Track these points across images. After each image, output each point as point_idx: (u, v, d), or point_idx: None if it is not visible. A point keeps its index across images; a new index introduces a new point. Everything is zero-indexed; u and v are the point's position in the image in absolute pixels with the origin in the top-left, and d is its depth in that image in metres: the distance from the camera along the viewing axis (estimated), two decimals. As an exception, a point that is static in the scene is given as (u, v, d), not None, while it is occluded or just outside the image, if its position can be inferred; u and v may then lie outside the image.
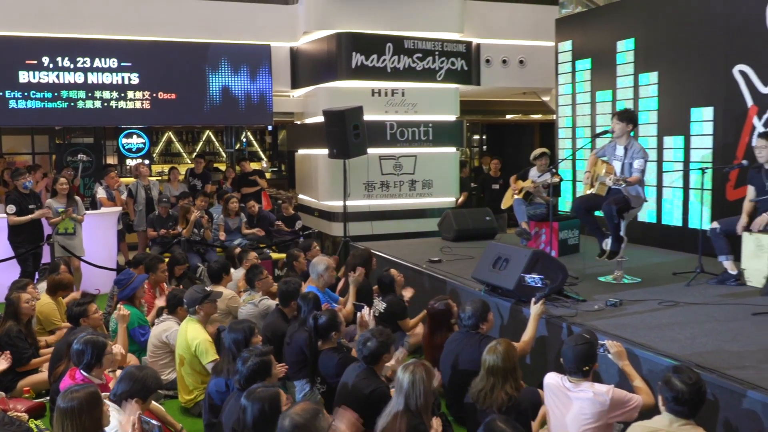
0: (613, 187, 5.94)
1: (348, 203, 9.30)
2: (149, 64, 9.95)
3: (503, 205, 7.92)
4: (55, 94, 9.55)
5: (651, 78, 7.88)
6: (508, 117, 16.39)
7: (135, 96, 9.94)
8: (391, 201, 10.38)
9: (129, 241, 10.14)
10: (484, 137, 17.54)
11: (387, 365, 4.23)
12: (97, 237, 8.46)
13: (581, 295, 5.40)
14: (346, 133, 8.77)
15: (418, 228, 10.18)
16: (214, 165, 13.00)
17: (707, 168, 6.60)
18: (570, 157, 9.11)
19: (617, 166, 5.98)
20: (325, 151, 9.47)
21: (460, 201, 10.91)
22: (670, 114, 7.67)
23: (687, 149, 7.45)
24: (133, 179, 10.24)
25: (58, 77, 9.56)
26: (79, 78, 9.66)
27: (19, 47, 9.40)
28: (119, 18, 9.77)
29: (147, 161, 13.29)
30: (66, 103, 9.63)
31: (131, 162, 13.78)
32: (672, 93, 7.63)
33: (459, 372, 4.48)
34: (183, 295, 5.28)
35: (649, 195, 7.31)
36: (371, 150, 9.54)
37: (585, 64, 8.99)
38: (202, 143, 16.15)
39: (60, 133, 12.38)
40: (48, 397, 4.79)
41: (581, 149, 8.66)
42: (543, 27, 10.61)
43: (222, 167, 12.70)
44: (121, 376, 3.65)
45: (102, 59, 9.72)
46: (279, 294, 5.53)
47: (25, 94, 9.44)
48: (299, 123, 11.72)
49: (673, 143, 7.62)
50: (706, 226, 6.30)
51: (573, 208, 6.68)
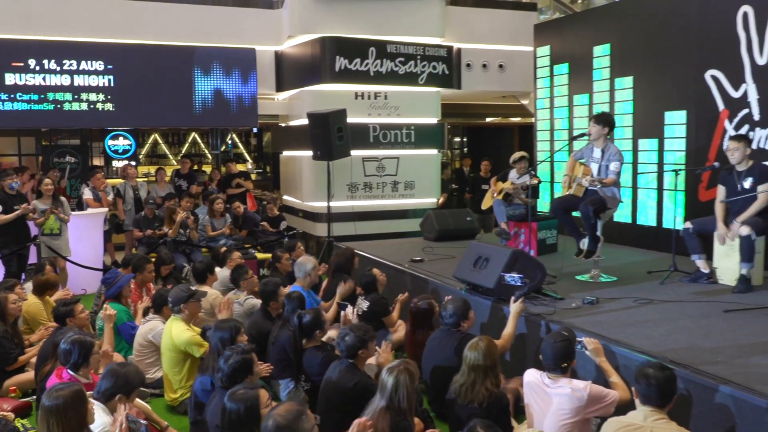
0: (590, 188, 6.04)
1: (332, 204, 9.37)
2: (135, 67, 9.94)
3: (483, 206, 8.03)
4: (42, 96, 9.52)
5: (626, 82, 8.01)
6: (488, 120, 16.53)
7: (121, 98, 9.92)
8: (374, 202, 10.47)
9: (116, 242, 10.13)
10: (464, 140, 17.66)
11: (370, 362, 4.31)
12: (84, 238, 8.44)
13: (559, 294, 5.47)
14: (330, 136, 8.84)
15: (400, 228, 10.26)
16: (202, 167, 12.97)
17: (680, 170, 6.75)
18: (548, 159, 9.23)
19: (594, 167, 6.07)
20: (310, 153, 9.54)
21: (440, 202, 11.02)
22: (644, 117, 7.80)
23: (661, 152, 7.57)
24: (121, 180, 10.23)
25: (44, 79, 9.55)
26: (66, 80, 9.65)
27: (6, 49, 9.37)
28: (106, 21, 9.77)
29: (133, 163, 13.25)
30: (52, 105, 9.60)
31: (118, 163, 13.70)
32: (646, 97, 7.77)
33: (440, 369, 4.52)
34: (168, 295, 5.33)
35: (625, 196, 7.40)
36: (354, 152, 9.62)
37: (563, 68, 9.12)
38: (187, 145, 16.10)
39: (46, 135, 12.29)
40: (34, 397, 4.79)
41: (559, 151, 8.79)
42: (522, 32, 10.76)
43: (208, 169, 12.68)
44: (104, 373, 3.64)
45: (88, 62, 9.70)
46: (260, 294, 5.59)
47: (12, 96, 9.41)
48: (284, 125, 11.76)
49: (648, 146, 7.75)
50: (679, 226, 6.41)
51: (551, 208, 6.78)
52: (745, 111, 6.56)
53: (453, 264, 6.41)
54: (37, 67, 9.49)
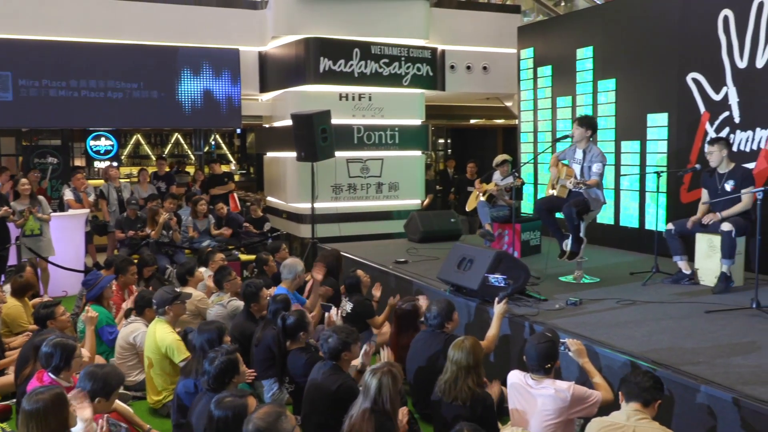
0: (573, 190, 6.09)
1: (316, 205, 9.36)
2: (119, 67, 9.85)
3: (468, 208, 8.05)
4: (22, 94, 9.40)
5: (609, 85, 8.07)
6: (472, 121, 16.60)
7: (104, 98, 9.84)
8: (358, 203, 10.46)
9: (97, 243, 10.04)
10: (448, 141, 17.72)
11: (353, 364, 4.30)
12: (65, 239, 8.35)
13: (543, 295, 5.50)
14: (314, 137, 8.82)
15: (384, 229, 10.26)
16: (185, 168, 12.87)
17: (662, 172, 6.82)
18: (532, 161, 9.28)
19: (577, 169, 6.11)
20: (294, 154, 9.51)
21: (425, 203, 11.04)
22: (627, 120, 7.86)
23: (643, 154, 7.63)
24: (103, 181, 10.15)
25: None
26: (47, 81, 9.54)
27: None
28: (88, 21, 9.67)
29: (115, 163, 13.13)
30: (34, 104, 9.47)
31: (99, 164, 13.59)
32: (629, 99, 7.83)
33: (425, 370, 4.53)
34: (151, 297, 5.27)
35: (608, 197, 7.45)
36: (339, 153, 9.62)
37: (546, 70, 9.16)
38: (170, 146, 16.00)
39: (27, 135, 12.14)
40: (14, 400, 4.74)
41: (543, 153, 8.84)
42: (506, 34, 10.79)
43: (191, 170, 12.60)
44: (82, 375, 3.61)
45: (73, 61, 9.60)
46: (242, 296, 5.58)
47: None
48: (268, 126, 11.72)
49: (630, 148, 7.81)
50: (661, 227, 6.48)
51: (535, 210, 6.81)
52: (726, 114, 6.63)
53: (437, 265, 6.44)
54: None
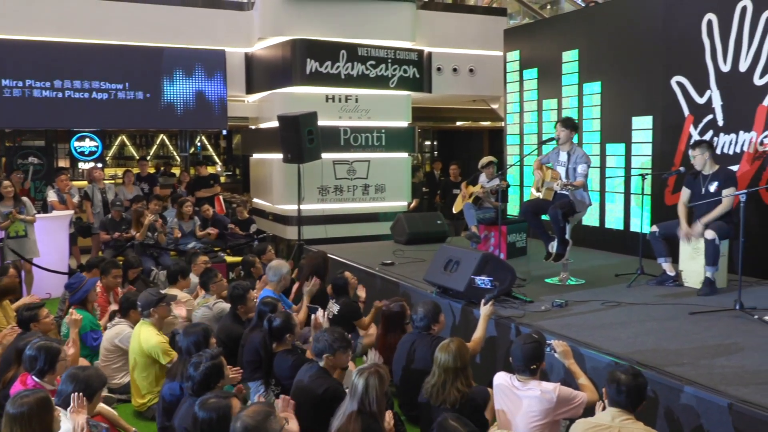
0: (560, 192, 6.13)
1: (302, 207, 9.33)
2: (103, 67, 9.77)
3: (454, 210, 8.08)
4: (5, 95, 9.30)
5: (594, 88, 8.12)
6: (458, 124, 16.66)
7: (88, 99, 9.76)
8: (345, 205, 10.45)
9: (82, 245, 9.96)
10: (435, 143, 17.77)
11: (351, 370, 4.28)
12: (49, 240, 8.27)
13: (529, 297, 5.53)
14: (300, 138, 8.80)
15: (371, 231, 10.27)
16: (171, 169, 12.82)
17: (647, 174, 6.87)
18: (518, 163, 9.33)
19: (562, 171, 6.16)
20: (280, 156, 9.48)
21: (412, 206, 11.05)
22: (612, 122, 7.92)
23: (628, 156, 7.69)
24: (87, 183, 10.07)
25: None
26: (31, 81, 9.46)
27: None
28: (73, 21, 9.59)
29: (100, 164, 13.03)
30: (18, 105, 9.38)
31: (84, 165, 13.48)
32: (614, 102, 7.88)
33: (411, 372, 4.53)
34: (136, 299, 5.23)
35: (593, 200, 7.51)
36: (325, 155, 9.60)
37: (532, 73, 9.21)
38: (156, 147, 15.92)
39: (10, 136, 12.03)
40: (-3, 403, 4.71)
41: (529, 155, 8.88)
42: (492, 37, 10.83)
43: (177, 171, 12.55)
44: (64, 377, 3.58)
45: (57, 62, 9.52)
46: (229, 298, 5.56)
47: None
48: (254, 128, 11.68)
49: (615, 150, 7.87)
50: (646, 229, 6.53)
51: (521, 212, 6.86)
52: (710, 117, 6.69)
53: (424, 267, 6.45)
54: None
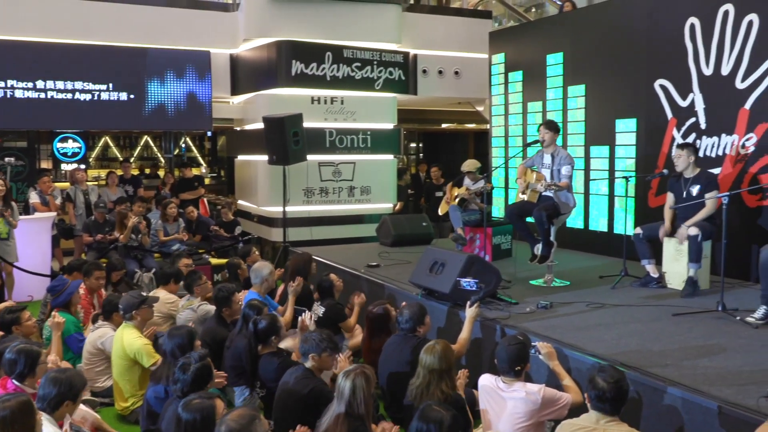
0: (545, 194, 6.16)
1: (287, 209, 9.31)
2: (87, 68, 9.69)
3: (440, 212, 8.09)
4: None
5: (578, 90, 8.17)
6: (443, 126, 16.70)
7: (71, 99, 9.67)
8: (330, 207, 10.45)
9: (64, 247, 9.87)
10: (420, 145, 17.80)
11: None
12: (31, 243, 8.19)
13: (514, 298, 5.55)
14: (285, 140, 8.78)
15: (356, 233, 10.28)
16: (157, 170, 12.73)
17: (631, 176, 6.92)
18: (503, 165, 9.36)
19: (547, 173, 6.19)
20: (265, 158, 9.45)
21: (397, 208, 11.05)
22: (596, 125, 7.96)
23: (612, 159, 7.74)
24: (69, 184, 9.97)
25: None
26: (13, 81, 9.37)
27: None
28: (56, 21, 9.51)
29: (83, 166, 12.91)
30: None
31: (66, 167, 13.36)
32: (598, 105, 7.93)
33: (397, 374, 4.52)
34: (118, 301, 5.19)
35: (577, 202, 7.57)
36: (311, 156, 9.59)
37: (517, 76, 9.25)
38: (140, 148, 15.81)
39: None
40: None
41: (513, 158, 8.91)
42: (477, 40, 10.86)
43: (161, 173, 12.48)
44: (44, 382, 3.54)
45: (40, 62, 9.42)
46: (214, 300, 5.53)
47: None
48: (239, 129, 11.64)
49: (600, 153, 7.91)
50: (630, 231, 6.58)
51: (506, 214, 6.87)
52: (692, 120, 6.74)
53: (409, 269, 6.44)
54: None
